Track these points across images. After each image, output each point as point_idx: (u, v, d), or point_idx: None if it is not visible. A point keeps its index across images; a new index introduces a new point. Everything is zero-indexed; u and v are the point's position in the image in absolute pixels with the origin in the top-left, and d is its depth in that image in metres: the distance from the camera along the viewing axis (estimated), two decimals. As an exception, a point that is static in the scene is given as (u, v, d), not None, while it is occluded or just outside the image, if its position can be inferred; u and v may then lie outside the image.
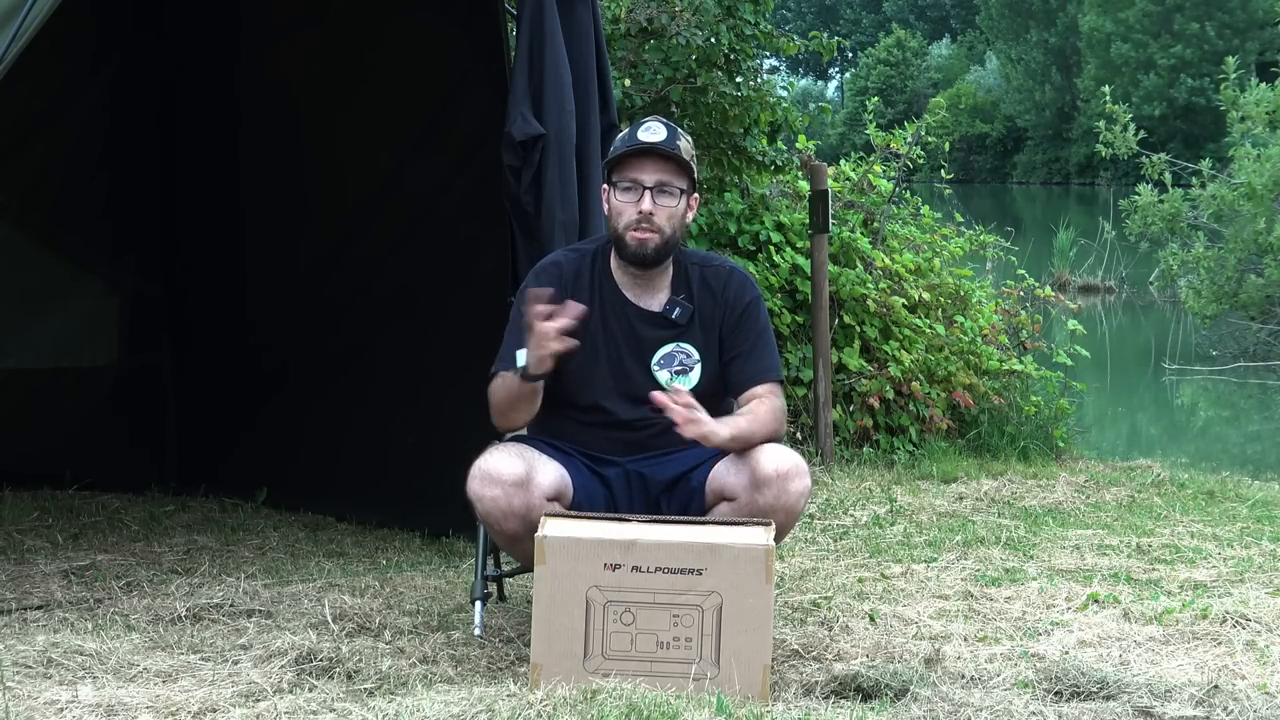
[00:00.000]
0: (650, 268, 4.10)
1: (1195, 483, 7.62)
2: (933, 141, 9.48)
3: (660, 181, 4.04)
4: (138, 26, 6.47)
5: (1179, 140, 41.91)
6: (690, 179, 4.11)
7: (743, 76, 7.76)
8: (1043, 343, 9.27)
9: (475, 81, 5.37)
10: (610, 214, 4.10)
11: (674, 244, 4.11)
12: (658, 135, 4.06)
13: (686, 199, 4.11)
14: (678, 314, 4.12)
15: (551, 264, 4.20)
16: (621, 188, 4.06)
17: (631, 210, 4.03)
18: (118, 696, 3.53)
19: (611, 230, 4.10)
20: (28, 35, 3.86)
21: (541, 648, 3.62)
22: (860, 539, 5.93)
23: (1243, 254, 14.35)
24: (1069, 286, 19.87)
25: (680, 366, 4.12)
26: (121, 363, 6.68)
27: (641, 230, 4.03)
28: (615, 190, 4.07)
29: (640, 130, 4.09)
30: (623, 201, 4.05)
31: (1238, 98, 14.42)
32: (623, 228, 4.05)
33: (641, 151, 4.04)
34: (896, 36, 65.31)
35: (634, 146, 4.05)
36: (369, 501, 5.93)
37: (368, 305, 5.96)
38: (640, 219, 4.03)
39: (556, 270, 4.16)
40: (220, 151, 6.44)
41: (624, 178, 4.06)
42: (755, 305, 4.17)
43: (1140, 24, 52.37)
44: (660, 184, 4.04)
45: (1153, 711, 3.49)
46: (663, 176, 4.05)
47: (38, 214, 6.42)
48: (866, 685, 3.67)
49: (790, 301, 8.13)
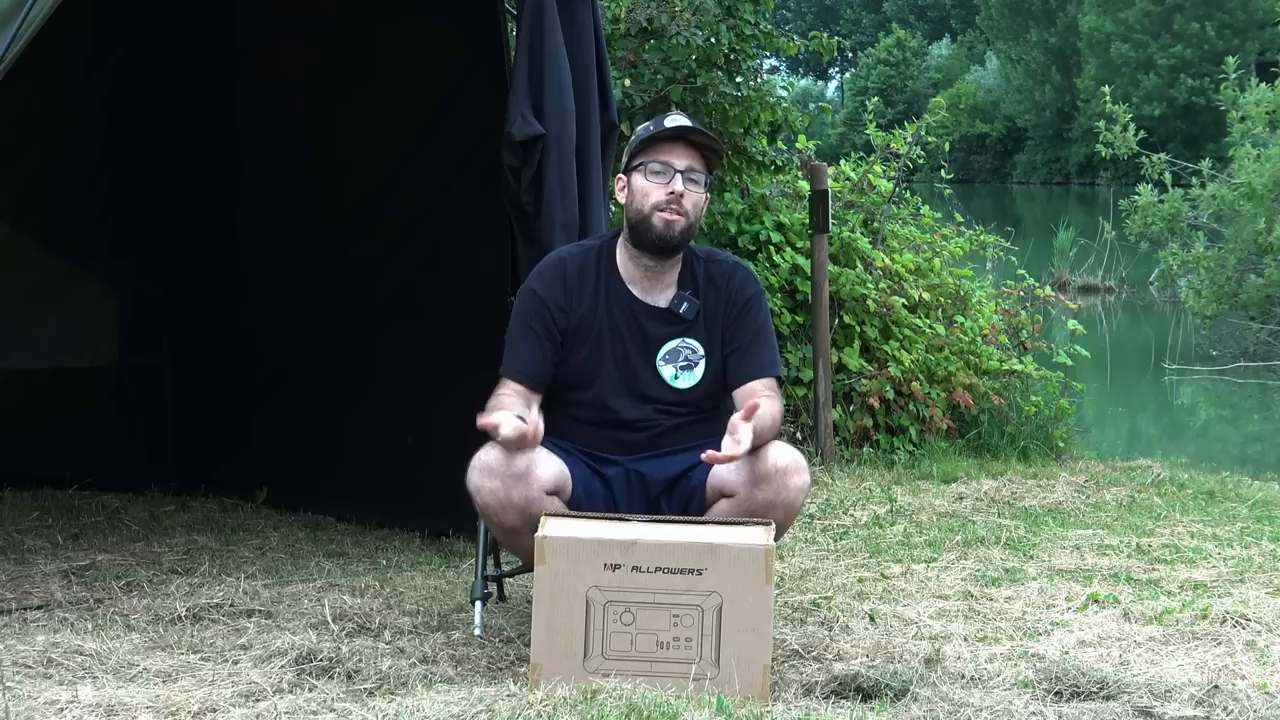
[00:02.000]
0: (669, 255, 4.12)
1: (1195, 483, 7.62)
2: (933, 141, 9.47)
3: (690, 166, 4.09)
4: (136, 26, 6.47)
5: (1179, 140, 41.90)
6: (710, 172, 4.16)
7: (743, 76, 7.76)
8: (1043, 343, 9.27)
9: (475, 81, 5.37)
10: (633, 196, 4.10)
11: (693, 233, 4.15)
12: (686, 123, 4.12)
13: (706, 192, 4.16)
14: (684, 309, 4.13)
15: (556, 260, 4.21)
16: (652, 170, 4.08)
17: (660, 191, 4.06)
18: (118, 696, 3.53)
19: (634, 212, 4.10)
20: (27, 35, 3.86)
21: (541, 648, 3.62)
22: (860, 539, 5.93)
23: (1243, 254, 14.35)
24: (1069, 286, 19.88)
25: (685, 362, 4.13)
26: (121, 363, 6.68)
27: (671, 211, 4.05)
28: (643, 173, 4.09)
29: (667, 119, 4.14)
30: (653, 183, 4.07)
31: (1238, 98, 14.42)
32: (650, 207, 4.06)
33: (674, 136, 4.09)
34: (896, 36, 65.32)
35: (665, 131, 4.09)
36: (369, 501, 5.93)
37: (368, 305, 5.96)
38: (670, 199, 4.05)
39: (561, 266, 4.17)
40: (220, 151, 6.44)
41: (654, 159, 4.08)
42: (757, 300, 4.18)
43: (1140, 24, 52.39)
44: (690, 169, 4.09)
45: (1153, 711, 3.49)
46: (693, 163, 4.10)
47: (38, 214, 6.42)
48: (866, 685, 3.67)
49: (790, 301, 8.13)
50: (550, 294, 4.12)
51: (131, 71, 6.48)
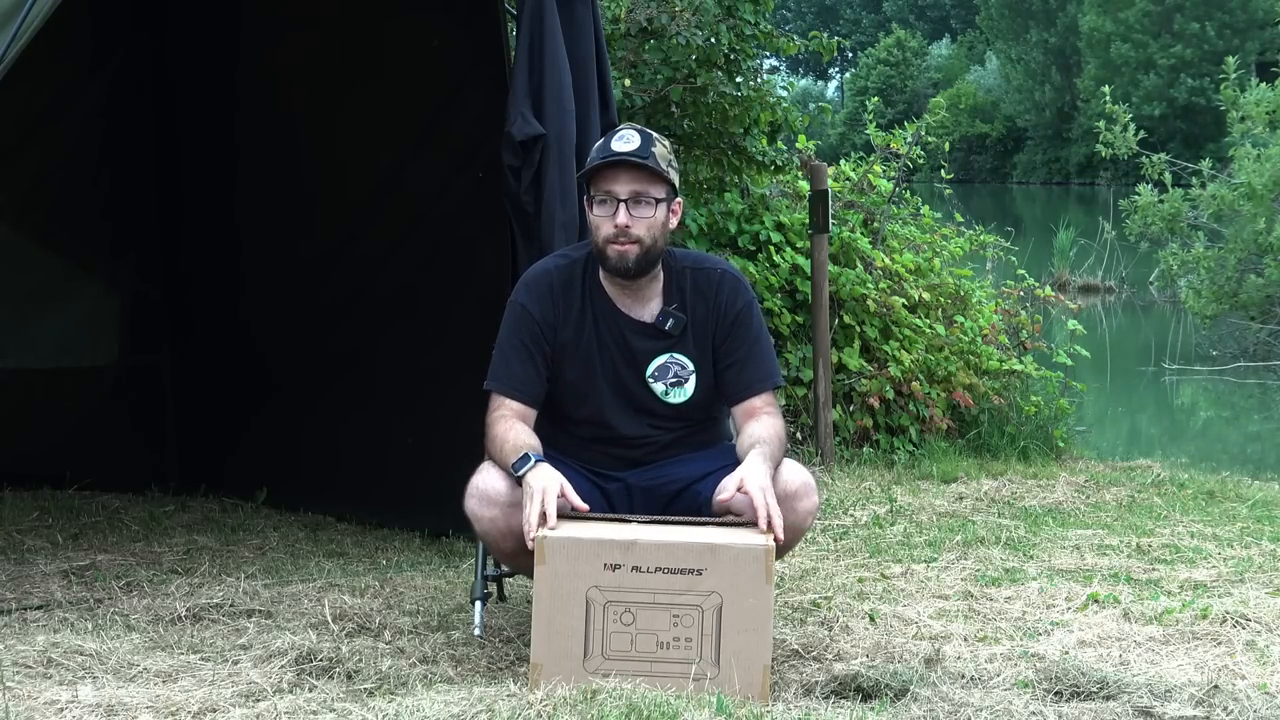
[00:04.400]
0: (635, 279, 4.02)
1: (1195, 483, 7.62)
2: (933, 141, 9.48)
3: (635, 192, 3.95)
4: (137, 26, 6.46)
5: (1179, 140, 41.91)
6: (668, 185, 4.01)
7: (743, 76, 7.75)
8: (1043, 343, 9.28)
9: (475, 81, 5.36)
10: (589, 226, 4.03)
11: (657, 253, 4.01)
12: (630, 144, 3.96)
13: (667, 206, 4.02)
14: (670, 325, 4.05)
15: (541, 272, 4.12)
16: (597, 201, 3.97)
17: (608, 224, 3.95)
18: (118, 696, 3.53)
19: (595, 243, 4.01)
20: (27, 35, 3.86)
21: (541, 648, 3.62)
22: (860, 539, 5.93)
23: (1243, 254, 14.35)
24: (1069, 286, 19.88)
25: (675, 379, 4.08)
26: (121, 363, 6.68)
27: (620, 243, 3.95)
28: (593, 204, 4.00)
29: (614, 140, 3.99)
30: (599, 216, 3.97)
31: (1238, 98, 14.42)
32: (602, 241, 3.97)
33: (614, 163, 3.95)
34: (896, 36, 65.31)
35: (606, 158, 3.96)
36: (369, 501, 5.93)
37: (368, 306, 5.96)
38: (617, 233, 3.94)
39: (547, 280, 4.09)
40: (220, 151, 6.44)
41: (599, 190, 3.97)
42: (748, 311, 4.09)
43: (1140, 24, 52.38)
44: (635, 194, 3.95)
45: (1153, 711, 3.49)
46: (637, 186, 3.96)
47: (38, 214, 6.42)
48: (866, 685, 3.67)
49: (790, 301, 8.13)
50: (540, 310, 4.04)
51: (132, 72, 6.48)
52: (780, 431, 3.97)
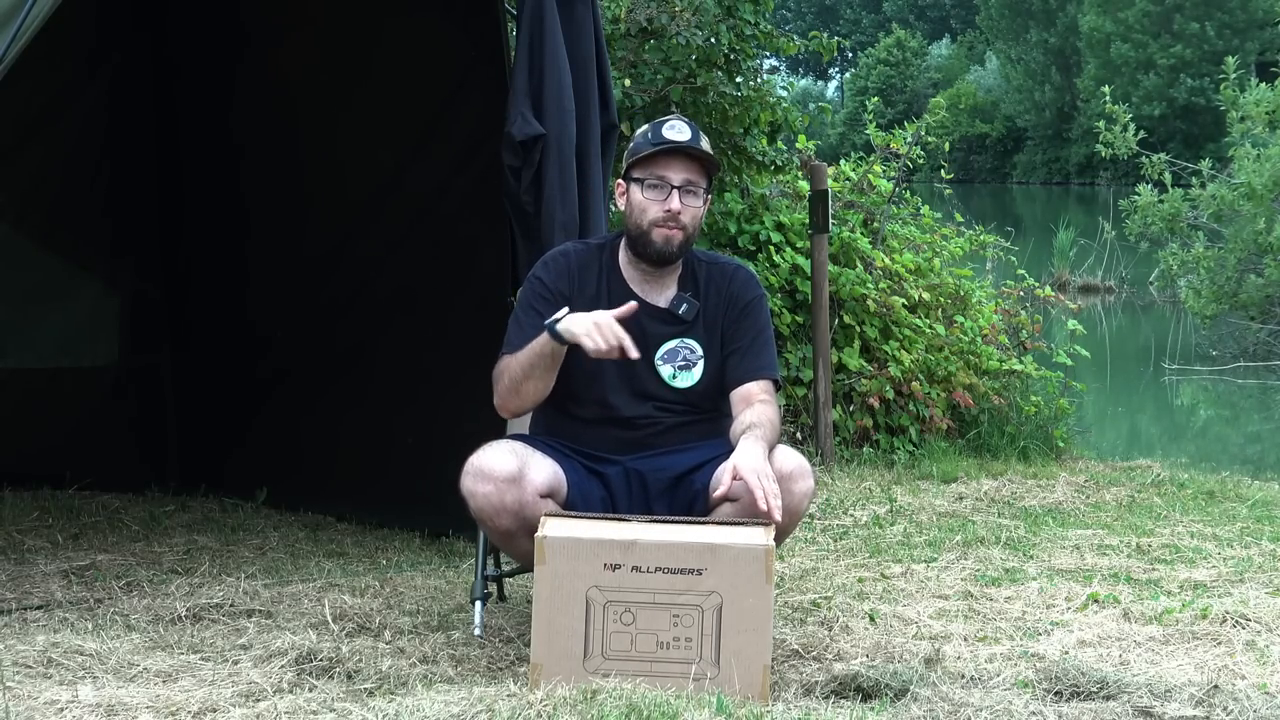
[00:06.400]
0: (667, 265, 4.13)
1: (1195, 483, 7.62)
2: (933, 141, 9.48)
3: (687, 180, 4.08)
4: (137, 26, 6.47)
5: (1179, 140, 41.92)
6: (710, 180, 4.15)
7: (743, 76, 7.76)
8: (1043, 343, 9.28)
9: (475, 81, 5.37)
10: (632, 209, 4.10)
11: (692, 243, 4.15)
12: (684, 134, 4.08)
13: (706, 198, 4.16)
14: (684, 310, 4.14)
15: (560, 254, 4.22)
16: (649, 185, 4.07)
17: (657, 208, 4.06)
18: (118, 696, 3.53)
19: (633, 225, 4.10)
20: (28, 35, 3.86)
21: (541, 648, 3.62)
22: (860, 539, 5.93)
23: (1243, 254, 14.35)
24: (1069, 286, 19.87)
25: (684, 362, 4.13)
26: (121, 363, 6.68)
27: (669, 227, 4.06)
28: (640, 186, 4.08)
29: (665, 128, 4.10)
30: (649, 199, 4.07)
31: (1237, 98, 14.42)
32: (648, 224, 4.07)
33: (670, 151, 4.06)
34: (896, 36, 65.30)
35: (662, 145, 4.06)
36: (369, 501, 5.93)
37: (368, 305, 5.96)
38: (667, 217, 4.05)
39: (565, 260, 4.18)
40: (220, 151, 6.44)
41: (651, 175, 4.07)
42: (758, 303, 4.19)
43: (1140, 24, 52.38)
44: (687, 183, 4.08)
45: (1153, 711, 3.49)
46: (690, 176, 4.08)
47: (38, 214, 6.42)
48: (866, 685, 3.67)
49: (790, 301, 8.13)
50: (556, 282, 4.13)
51: (132, 71, 6.48)
52: (775, 418, 4.01)
